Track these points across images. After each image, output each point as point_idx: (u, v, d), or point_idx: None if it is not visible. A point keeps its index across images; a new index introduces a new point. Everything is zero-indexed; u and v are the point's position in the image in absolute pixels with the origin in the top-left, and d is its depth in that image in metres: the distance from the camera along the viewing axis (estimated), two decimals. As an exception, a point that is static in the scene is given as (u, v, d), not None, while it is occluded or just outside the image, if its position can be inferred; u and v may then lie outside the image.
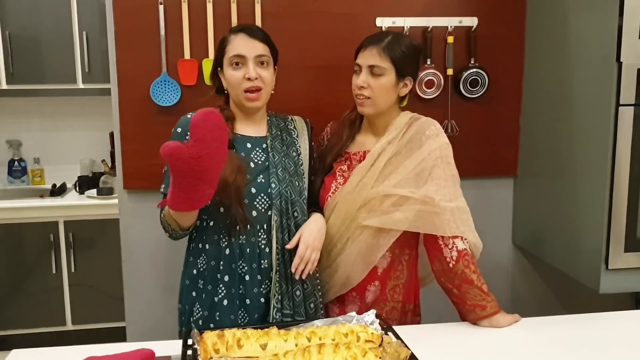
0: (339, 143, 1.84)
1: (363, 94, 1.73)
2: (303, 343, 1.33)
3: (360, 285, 1.79)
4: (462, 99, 2.25)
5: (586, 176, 1.96)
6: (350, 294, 1.81)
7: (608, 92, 1.83)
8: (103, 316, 3.49)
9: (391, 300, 1.80)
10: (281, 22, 2.13)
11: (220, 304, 1.66)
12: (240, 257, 1.66)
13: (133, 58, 2.09)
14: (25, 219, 3.40)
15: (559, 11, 2.08)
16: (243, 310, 1.67)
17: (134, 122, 2.12)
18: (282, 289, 1.67)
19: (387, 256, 1.78)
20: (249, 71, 1.64)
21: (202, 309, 1.69)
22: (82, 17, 3.48)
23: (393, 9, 2.18)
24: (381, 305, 1.79)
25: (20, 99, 3.78)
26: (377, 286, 1.79)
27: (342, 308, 1.83)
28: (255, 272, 1.66)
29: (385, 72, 1.70)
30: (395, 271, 1.80)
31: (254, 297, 1.66)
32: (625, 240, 1.88)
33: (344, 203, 1.75)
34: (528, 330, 1.63)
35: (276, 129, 1.79)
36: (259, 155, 1.71)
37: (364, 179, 1.74)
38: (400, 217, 1.71)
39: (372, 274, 1.78)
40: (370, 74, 1.71)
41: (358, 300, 1.80)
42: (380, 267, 1.78)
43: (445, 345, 1.54)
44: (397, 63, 1.70)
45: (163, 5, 2.07)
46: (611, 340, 1.58)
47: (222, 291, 1.66)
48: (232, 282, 1.66)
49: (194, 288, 1.71)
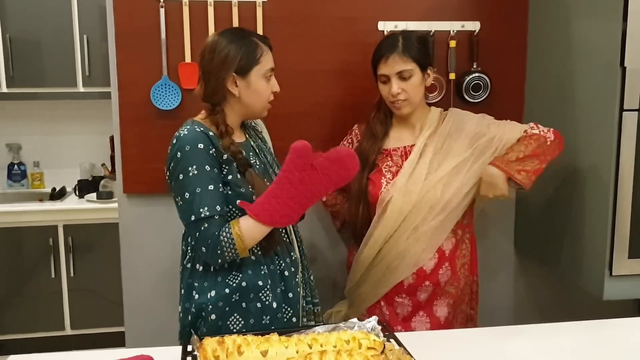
0: (377, 141, 1.93)
1: (399, 98, 1.83)
2: (304, 350, 1.31)
3: (432, 273, 1.88)
4: (465, 104, 2.24)
5: (589, 181, 1.95)
6: (423, 284, 1.89)
7: (612, 97, 1.82)
8: (102, 321, 3.47)
9: (462, 277, 1.94)
10: (282, 26, 2.12)
11: (270, 307, 1.65)
12: (275, 256, 1.68)
13: (134, 61, 2.08)
14: (25, 223, 3.39)
15: (562, 15, 2.07)
16: (285, 305, 1.69)
17: (135, 125, 2.10)
18: (304, 277, 1.77)
19: (451, 238, 1.90)
20: (275, 85, 1.70)
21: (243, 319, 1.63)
22: (82, 20, 3.47)
23: (395, 13, 2.17)
24: (455, 284, 1.92)
25: (20, 103, 3.77)
26: (447, 267, 1.90)
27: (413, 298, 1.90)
28: (289, 266, 1.71)
29: (413, 72, 1.81)
30: (461, 250, 1.93)
31: (293, 289, 1.70)
32: (629, 246, 1.87)
33: (400, 194, 1.83)
34: (531, 338, 1.62)
35: (250, 130, 1.81)
36: (253, 159, 1.71)
37: (415, 170, 1.85)
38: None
39: (441, 258, 1.89)
40: (400, 80, 1.81)
41: (431, 287, 1.90)
42: (447, 249, 1.90)
43: (448, 353, 1.52)
44: (419, 60, 1.82)
45: (164, 9, 2.06)
46: (615, 347, 1.56)
47: (269, 294, 1.65)
48: (275, 283, 1.67)
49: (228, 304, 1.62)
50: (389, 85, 1.83)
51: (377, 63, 1.85)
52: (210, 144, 1.57)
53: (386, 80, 1.83)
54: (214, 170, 1.57)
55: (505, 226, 2.42)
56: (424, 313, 1.91)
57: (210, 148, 1.57)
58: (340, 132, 2.16)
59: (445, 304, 1.91)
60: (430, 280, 1.89)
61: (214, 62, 1.61)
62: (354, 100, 2.18)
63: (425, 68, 1.85)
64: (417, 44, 1.82)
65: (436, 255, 1.88)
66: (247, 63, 1.62)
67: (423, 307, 1.91)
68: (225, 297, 1.62)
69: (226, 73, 1.61)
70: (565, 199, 2.09)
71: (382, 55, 1.83)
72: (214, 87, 1.63)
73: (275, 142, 1.98)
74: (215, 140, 1.60)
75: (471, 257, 1.98)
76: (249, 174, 1.62)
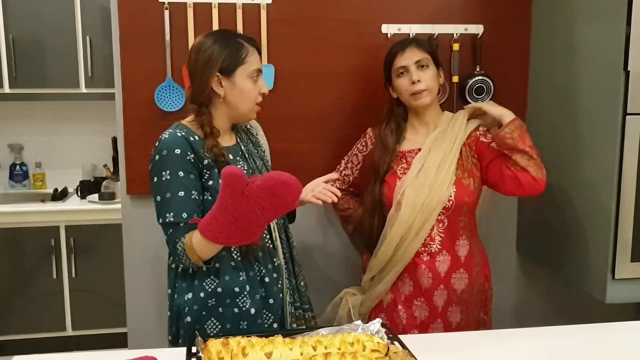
0: (387, 153, 1.93)
1: (420, 88, 1.85)
2: (308, 352, 1.32)
3: (445, 277, 1.88)
4: (468, 107, 2.24)
5: (593, 185, 1.95)
6: (438, 287, 1.88)
7: (615, 101, 1.82)
8: (104, 322, 3.46)
9: (476, 284, 1.94)
10: (287, 28, 2.12)
11: (247, 313, 1.64)
12: (255, 262, 1.68)
13: (138, 63, 2.08)
14: (26, 224, 3.39)
15: (565, 19, 2.07)
16: (266, 311, 1.69)
17: (138, 127, 2.11)
18: (291, 283, 1.77)
19: (466, 245, 1.91)
20: (263, 86, 1.69)
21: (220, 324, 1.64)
22: (85, 21, 3.47)
23: (399, 16, 2.18)
24: (470, 291, 1.92)
25: (23, 103, 3.77)
26: (462, 273, 1.90)
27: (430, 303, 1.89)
28: (270, 272, 1.71)
29: (429, 62, 1.88)
30: (474, 257, 1.93)
31: (275, 295, 1.70)
32: (632, 249, 1.87)
33: (411, 188, 1.85)
34: (533, 341, 1.62)
35: (243, 133, 1.80)
36: (240, 163, 1.70)
37: (424, 165, 1.86)
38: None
39: (455, 263, 1.89)
40: (419, 69, 1.86)
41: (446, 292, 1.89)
42: (462, 256, 1.90)
43: (452, 355, 1.52)
44: (433, 54, 1.90)
45: (168, 10, 2.06)
46: (617, 350, 1.56)
47: (247, 300, 1.64)
48: (253, 288, 1.66)
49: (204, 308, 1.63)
50: (408, 76, 1.86)
51: (392, 59, 1.89)
52: (190, 150, 1.58)
53: (404, 72, 1.87)
54: (188, 177, 1.58)
55: (507, 229, 2.42)
56: (440, 320, 1.90)
57: (189, 154, 1.58)
58: (343, 134, 2.17)
59: (458, 310, 1.91)
60: (444, 284, 1.88)
61: (199, 62, 1.63)
62: (358, 103, 2.19)
63: (438, 67, 1.91)
64: (427, 42, 1.96)
65: (449, 257, 1.88)
66: (231, 63, 1.63)
67: (440, 314, 1.90)
68: (201, 300, 1.63)
69: (210, 73, 1.62)
70: (568, 202, 2.09)
71: (397, 50, 1.88)
72: (199, 88, 1.64)
73: (276, 144, 1.99)
74: (196, 145, 1.60)
75: (483, 263, 1.99)
76: None
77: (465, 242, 1.90)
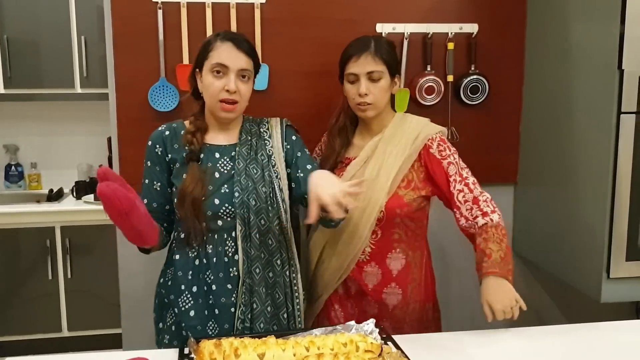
0: (333, 152, 1.86)
1: (366, 101, 1.74)
2: (301, 352, 1.31)
3: (375, 290, 1.80)
4: (463, 106, 2.24)
5: (587, 184, 1.95)
6: (369, 301, 1.81)
7: (609, 100, 1.82)
8: (99, 323, 3.45)
9: (412, 301, 1.82)
10: (281, 27, 2.12)
11: (187, 314, 1.64)
12: (207, 267, 1.64)
13: (131, 63, 2.08)
14: (22, 224, 3.38)
15: (560, 18, 2.07)
16: (213, 320, 1.65)
17: (132, 127, 2.10)
18: (246, 300, 1.64)
19: (401, 259, 1.80)
20: (229, 83, 1.59)
21: (170, 317, 1.70)
22: (80, 21, 3.46)
23: (393, 15, 2.17)
24: (404, 308, 1.81)
25: (18, 104, 3.75)
26: (394, 288, 1.80)
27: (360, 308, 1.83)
28: (222, 282, 1.63)
29: (382, 75, 1.74)
30: (411, 273, 1.81)
31: (223, 306, 1.63)
32: (626, 248, 1.87)
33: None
34: (528, 340, 1.62)
35: (247, 134, 1.73)
36: (226, 164, 1.67)
37: (355, 175, 1.77)
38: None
39: (387, 277, 1.79)
40: (369, 80, 1.73)
41: (375, 306, 1.81)
42: (395, 270, 1.79)
43: (445, 355, 1.52)
44: (389, 64, 1.75)
45: (162, 10, 2.06)
46: (612, 350, 1.56)
47: (189, 301, 1.64)
48: (199, 292, 1.65)
49: (163, 297, 1.72)
50: (357, 85, 1.74)
51: (346, 62, 1.76)
52: (161, 143, 1.68)
53: (354, 80, 1.75)
54: (154, 168, 1.69)
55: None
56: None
57: (157, 147, 1.68)
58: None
59: (390, 327, 1.78)
60: (372, 296, 1.80)
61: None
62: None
63: (394, 75, 1.77)
64: (389, 49, 1.76)
65: (379, 270, 1.79)
66: (200, 58, 1.65)
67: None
68: (160, 286, 1.75)
69: (194, 67, 1.68)
70: (563, 202, 2.09)
71: (353, 54, 1.75)
72: (190, 81, 1.71)
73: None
74: (169, 140, 1.68)
75: (426, 281, 1.85)
76: (190, 167, 1.63)
77: (399, 255, 1.79)
